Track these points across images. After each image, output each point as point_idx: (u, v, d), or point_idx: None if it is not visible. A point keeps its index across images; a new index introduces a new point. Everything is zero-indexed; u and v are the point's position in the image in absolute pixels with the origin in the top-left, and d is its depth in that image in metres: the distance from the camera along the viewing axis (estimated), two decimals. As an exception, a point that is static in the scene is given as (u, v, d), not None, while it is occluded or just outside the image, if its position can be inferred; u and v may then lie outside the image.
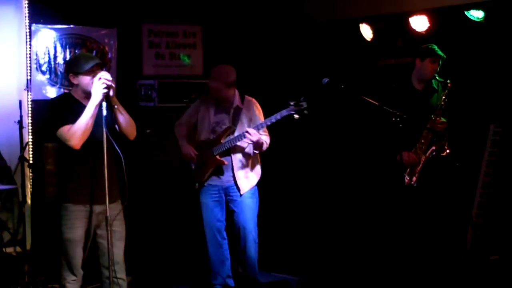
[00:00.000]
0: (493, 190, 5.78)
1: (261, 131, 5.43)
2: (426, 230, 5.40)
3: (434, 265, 5.48)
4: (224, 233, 5.71)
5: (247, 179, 5.61)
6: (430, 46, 5.39)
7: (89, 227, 4.35)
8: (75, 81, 4.34)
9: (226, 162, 5.54)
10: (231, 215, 5.69)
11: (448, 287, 5.50)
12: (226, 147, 5.50)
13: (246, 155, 5.60)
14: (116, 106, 4.25)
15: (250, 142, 5.39)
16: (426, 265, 5.45)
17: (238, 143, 5.47)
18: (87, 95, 4.23)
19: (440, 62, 5.37)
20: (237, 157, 5.57)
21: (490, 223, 5.74)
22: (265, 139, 5.51)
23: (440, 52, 5.35)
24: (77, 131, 4.18)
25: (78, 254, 4.36)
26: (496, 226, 5.72)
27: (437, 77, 5.41)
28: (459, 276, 5.56)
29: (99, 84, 4.13)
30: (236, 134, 5.50)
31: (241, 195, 5.57)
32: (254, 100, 5.68)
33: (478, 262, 5.60)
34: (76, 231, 4.33)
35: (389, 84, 5.61)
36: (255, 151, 5.56)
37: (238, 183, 5.56)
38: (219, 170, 5.59)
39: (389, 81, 5.79)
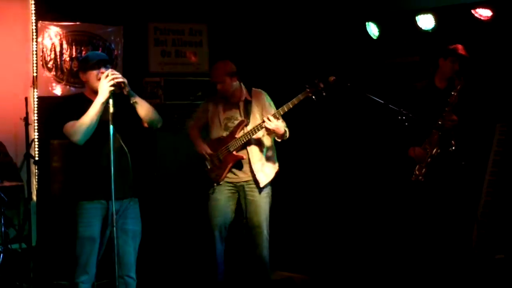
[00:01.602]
0: (499, 189, 5.77)
1: (280, 120, 5.32)
2: (431, 229, 5.40)
3: (439, 263, 5.48)
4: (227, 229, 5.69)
5: (264, 172, 5.53)
6: (453, 46, 5.43)
7: (104, 224, 4.34)
8: (83, 78, 4.37)
9: (244, 157, 5.49)
10: (241, 212, 5.67)
11: (453, 285, 5.49)
12: (242, 142, 5.42)
13: (262, 147, 5.52)
14: (135, 101, 4.25)
15: (269, 129, 5.26)
16: (431, 263, 5.45)
17: (255, 135, 5.40)
18: (97, 92, 4.22)
19: (463, 63, 5.38)
20: (254, 150, 5.48)
21: (495, 222, 5.74)
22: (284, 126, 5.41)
23: (462, 53, 5.38)
24: (80, 127, 4.17)
25: (93, 252, 4.32)
26: (501, 225, 5.71)
27: (454, 76, 5.42)
28: (464, 274, 5.55)
29: (105, 82, 4.13)
30: (249, 127, 5.45)
31: (261, 188, 5.49)
32: (262, 91, 5.61)
33: (483, 261, 5.60)
34: (93, 229, 4.30)
35: (411, 83, 5.62)
36: (277, 140, 5.48)
37: (257, 176, 5.48)
38: (237, 166, 5.51)
39: (395, 79, 5.79)
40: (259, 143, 5.51)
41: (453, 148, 5.28)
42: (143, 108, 4.33)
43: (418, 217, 5.37)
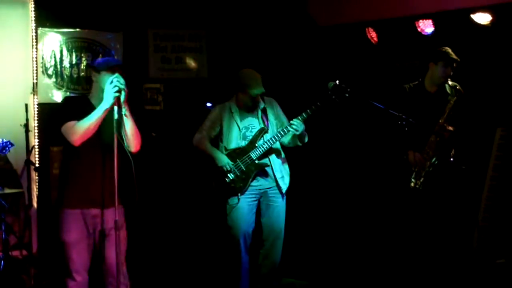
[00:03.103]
0: (499, 194, 5.77)
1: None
2: (432, 234, 5.39)
3: (440, 268, 5.47)
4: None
5: (283, 179, 5.54)
6: (443, 50, 5.36)
7: (87, 231, 4.33)
8: (94, 78, 4.34)
9: (268, 164, 5.45)
10: (258, 217, 5.63)
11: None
12: (264, 149, 5.38)
13: (279, 155, 5.53)
14: (125, 113, 4.22)
15: (296, 133, 5.26)
16: (432, 268, 5.45)
17: (277, 141, 5.40)
18: (101, 96, 4.20)
19: (454, 66, 5.34)
20: (274, 158, 5.48)
21: (496, 227, 5.74)
22: None
23: (453, 56, 5.32)
24: (80, 128, 4.15)
25: (76, 258, 4.31)
26: (502, 229, 5.71)
27: (449, 82, 5.38)
28: (465, 279, 5.54)
29: (110, 88, 4.10)
30: (269, 134, 5.43)
31: (282, 194, 5.50)
32: (273, 99, 5.63)
33: (484, 266, 5.59)
34: (70, 235, 4.28)
35: (402, 85, 5.58)
36: (298, 143, 5.46)
37: (279, 182, 5.48)
38: (261, 173, 5.46)
39: (394, 84, 5.79)
40: (278, 151, 5.51)
41: (452, 159, 5.29)
42: (130, 124, 4.29)
43: (419, 223, 5.36)
